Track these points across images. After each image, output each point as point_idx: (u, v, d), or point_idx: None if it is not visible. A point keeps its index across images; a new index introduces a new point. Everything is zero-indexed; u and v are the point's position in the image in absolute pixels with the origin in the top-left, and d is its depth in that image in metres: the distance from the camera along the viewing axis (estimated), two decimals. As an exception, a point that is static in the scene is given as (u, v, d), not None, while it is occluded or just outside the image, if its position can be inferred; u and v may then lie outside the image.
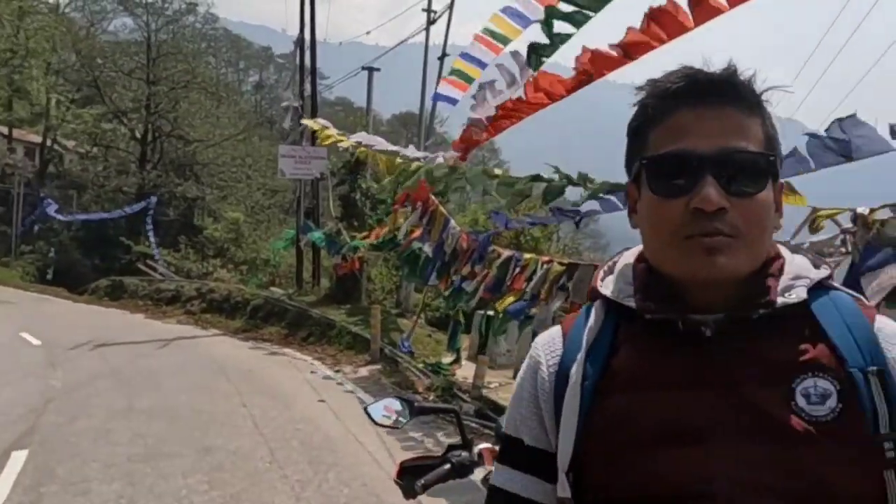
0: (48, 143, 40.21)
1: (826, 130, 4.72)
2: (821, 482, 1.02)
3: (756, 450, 1.04)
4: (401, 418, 2.43)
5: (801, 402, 1.06)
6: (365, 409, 2.57)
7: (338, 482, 6.71)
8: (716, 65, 1.14)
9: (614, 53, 5.82)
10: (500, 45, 7.56)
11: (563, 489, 1.12)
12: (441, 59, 16.58)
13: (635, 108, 1.18)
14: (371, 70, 21.72)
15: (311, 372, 12.63)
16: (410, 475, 2.23)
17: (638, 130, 1.18)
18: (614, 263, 1.27)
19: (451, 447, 2.36)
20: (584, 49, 6.00)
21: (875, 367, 1.08)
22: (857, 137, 4.55)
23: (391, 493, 5.57)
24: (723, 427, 1.06)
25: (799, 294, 1.14)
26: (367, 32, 25.64)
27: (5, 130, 40.00)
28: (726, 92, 1.12)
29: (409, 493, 2.23)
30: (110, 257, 31.66)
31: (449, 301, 10.37)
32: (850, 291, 1.19)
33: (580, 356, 1.15)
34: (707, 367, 1.09)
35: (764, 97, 1.15)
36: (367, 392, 10.66)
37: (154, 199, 31.04)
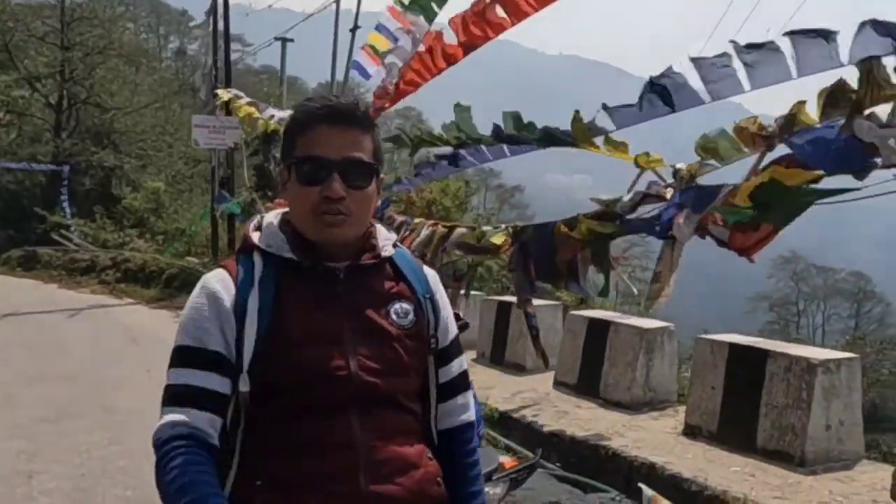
0: (-44, 110, 38.66)
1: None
2: (403, 363, 1.71)
3: (370, 347, 1.67)
4: None
5: (393, 317, 1.72)
6: None
7: (233, 436, 7.10)
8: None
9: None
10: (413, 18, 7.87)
11: (245, 384, 1.62)
12: (353, 30, 16.76)
13: (289, 119, 1.75)
14: (284, 40, 21.61)
15: (223, 338, 12.88)
16: None
17: (291, 135, 1.72)
18: (260, 224, 1.78)
19: None
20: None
21: (429, 295, 1.80)
22: (679, 89, 4.82)
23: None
24: (350, 333, 1.67)
25: (389, 250, 1.79)
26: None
27: None
28: (349, 117, 1.67)
29: None
30: (25, 229, 30.87)
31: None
32: (405, 248, 1.87)
33: (254, 290, 1.66)
34: (340, 297, 1.69)
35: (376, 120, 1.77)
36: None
37: (67, 168, 30.31)
